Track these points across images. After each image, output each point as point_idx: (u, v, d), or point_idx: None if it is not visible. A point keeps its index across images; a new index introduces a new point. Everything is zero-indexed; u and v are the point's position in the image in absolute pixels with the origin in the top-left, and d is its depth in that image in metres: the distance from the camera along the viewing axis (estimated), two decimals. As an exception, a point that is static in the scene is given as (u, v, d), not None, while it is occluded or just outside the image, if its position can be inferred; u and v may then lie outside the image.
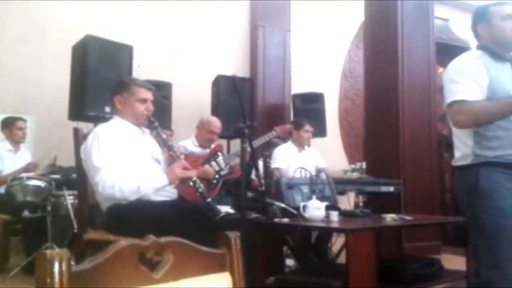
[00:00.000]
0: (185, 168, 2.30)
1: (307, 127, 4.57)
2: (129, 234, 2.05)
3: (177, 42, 5.84)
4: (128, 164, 2.27)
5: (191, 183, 2.31)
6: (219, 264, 0.93)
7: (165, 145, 2.48)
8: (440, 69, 7.32)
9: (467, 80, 1.97)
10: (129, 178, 2.23)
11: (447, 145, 6.02)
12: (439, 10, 5.93)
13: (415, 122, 4.37)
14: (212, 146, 3.93)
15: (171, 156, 2.43)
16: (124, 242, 0.82)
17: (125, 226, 2.16)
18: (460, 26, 7.35)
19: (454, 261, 3.21)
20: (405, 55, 4.40)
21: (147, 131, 2.56)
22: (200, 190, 2.26)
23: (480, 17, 2.12)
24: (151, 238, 0.84)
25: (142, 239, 0.84)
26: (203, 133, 4.02)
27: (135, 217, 2.15)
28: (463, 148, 2.02)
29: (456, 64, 2.07)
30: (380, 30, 4.62)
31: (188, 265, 0.87)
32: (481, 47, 2.12)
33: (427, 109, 4.47)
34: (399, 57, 4.38)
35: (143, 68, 4.99)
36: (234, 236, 0.99)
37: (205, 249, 0.92)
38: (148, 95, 2.48)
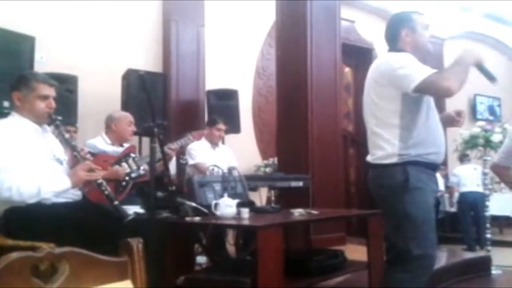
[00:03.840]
0: (90, 170, 2.21)
1: (220, 125, 4.59)
2: (29, 238, 1.96)
3: (84, 33, 5.55)
4: (27, 165, 2.15)
5: (97, 185, 2.23)
6: (119, 273, 0.92)
7: (68, 145, 2.37)
8: (346, 69, 7.71)
9: (416, 63, 2.10)
10: (28, 180, 2.11)
11: (352, 141, 6.36)
12: (346, 12, 6.21)
13: (323, 119, 4.55)
14: (126, 145, 3.77)
15: (75, 157, 2.32)
16: (15, 254, 0.79)
17: (24, 229, 2.05)
18: (365, 27, 7.77)
19: (357, 251, 3.41)
20: (314, 55, 4.57)
21: (48, 129, 2.42)
22: (106, 192, 2.18)
23: (404, 22, 2.25)
24: (45, 249, 0.82)
25: (35, 250, 0.81)
26: (123, 128, 3.76)
27: (35, 220, 2.04)
28: (388, 148, 2.13)
29: (396, 56, 2.17)
30: (290, 30, 4.75)
31: (85, 275, 0.85)
32: (403, 51, 2.22)
33: (334, 107, 4.68)
34: (308, 56, 4.54)
35: (47, 60, 4.71)
36: (136, 243, 0.98)
37: (105, 258, 0.90)
38: (50, 91, 2.35)
